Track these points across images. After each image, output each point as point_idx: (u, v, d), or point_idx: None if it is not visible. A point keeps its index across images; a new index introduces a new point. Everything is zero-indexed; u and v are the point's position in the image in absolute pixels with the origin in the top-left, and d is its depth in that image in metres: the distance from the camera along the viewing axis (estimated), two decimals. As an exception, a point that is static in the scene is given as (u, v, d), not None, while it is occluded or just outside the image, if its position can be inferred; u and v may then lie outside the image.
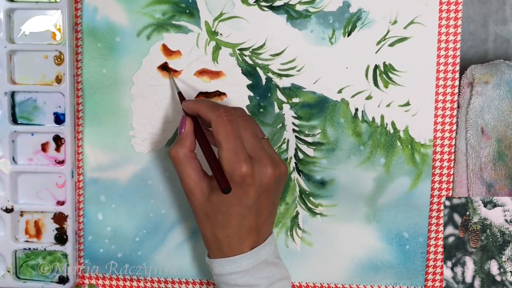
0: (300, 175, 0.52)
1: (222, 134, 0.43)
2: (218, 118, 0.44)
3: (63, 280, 0.53)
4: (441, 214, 0.52)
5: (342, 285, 0.53)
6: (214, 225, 0.45)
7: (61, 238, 0.53)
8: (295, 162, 0.52)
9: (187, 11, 0.51)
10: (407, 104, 0.51)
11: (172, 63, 0.52)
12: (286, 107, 0.52)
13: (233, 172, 0.43)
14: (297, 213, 0.53)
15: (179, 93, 0.50)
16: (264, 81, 0.52)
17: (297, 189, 0.53)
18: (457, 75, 0.51)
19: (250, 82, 0.52)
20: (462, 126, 0.51)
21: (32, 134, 0.53)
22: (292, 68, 0.51)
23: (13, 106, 0.53)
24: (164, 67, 0.52)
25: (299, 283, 0.53)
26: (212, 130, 0.44)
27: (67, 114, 0.52)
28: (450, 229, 0.52)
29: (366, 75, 0.51)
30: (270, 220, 0.47)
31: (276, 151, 0.52)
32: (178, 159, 0.45)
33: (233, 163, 0.43)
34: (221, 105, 0.45)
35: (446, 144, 0.51)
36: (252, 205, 0.44)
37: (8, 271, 0.53)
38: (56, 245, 0.53)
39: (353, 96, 0.51)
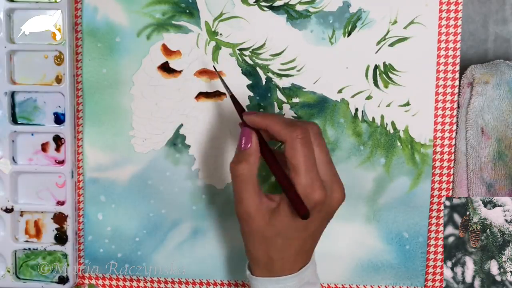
0: (300, 175, 0.52)
1: (300, 158, 0.40)
2: (295, 140, 0.40)
3: (63, 280, 0.53)
4: (441, 214, 0.52)
5: (342, 285, 0.53)
6: (270, 248, 0.43)
7: (61, 238, 0.53)
8: (295, 162, 0.52)
9: (187, 11, 0.51)
10: (407, 104, 0.51)
11: (172, 63, 0.52)
12: (286, 107, 0.52)
13: (307, 199, 0.40)
14: (297, 213, 0.53)
15: (234, 99, 0.46)
16: (264, 81, 0.52)
17: (297, 189, 0.52)
18: (457, 75, 0.51)
19: (250, 82, 0.52)
20: (462, 126, 0.51)
21: (32, 134, 0.53)
22: (292, 68, 0.51)
23: (13, 106, 0.53)
24: (215, 69, 0.49)
25: (299, 283, 0.53)
26: (286, 152, 0.41)
27: (67, 114, 0.52)
28: (450, 229, 0.52)
29: (366, 75, 0.51)
30: (316, 244, 0.46)
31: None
32: (243, 177, 0.42)
33: (308, 190, 0.40)
34: (295, 123, 0.42)
35: (446, 144, 0.51)
36: (315, 230, 0.43)
37: (8, 271, 0.53)
38: (56, 245, 0.53)
39: (353, 96, 0.51)
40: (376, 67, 0.51)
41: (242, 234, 0.44)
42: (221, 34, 0.51)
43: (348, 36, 0.51)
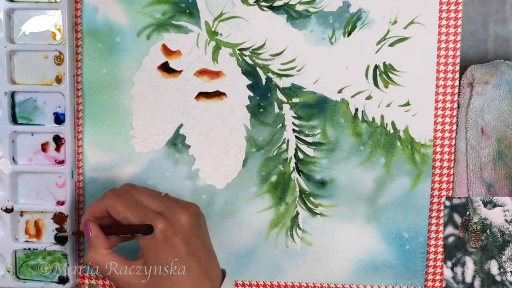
0: (300, 175, 0.52)
1: (121, 208, 0.44)
2: (109, 199, 0.45)
3: (63, 280, 0.53)
4: (441, 214, 0.52)
5: (342, 285, 0.53)
6: None
7: (61, 238, 0.53)
8: (295, 162, 0.52)
9: (187, 11, 0.51)
10: (407, 104, 0.51)
11: (172, 63, 0.52)
12: (286, 107, 0.52)
13: (152, 234, 0.43)
14: (297, 213, 0.53)
15: (78, 232, 0.51)
16: (264, 81, 0.52)
17: (297, 189, 0.53)
18: (457, 75, 0.51)
19: (250, 82, 0.52)
20: (462, 126, 0.51)
21: (32, 134, 0.53)
22: (292, 68, 0.51)
23: (13, 106, 0.53)
24: None
25: (299, 283, 0.53)
26: (111, 213, 0.45)
27: (67, 114, 0.52)
28: (450, 229, 0.52)
29: (366, 75, 0.51)
30: (213, 261, 0.46)
31: (276, 151, 0.52)
32: (98, 263, 0.45)
33: (147, 223, 0.43)
34: (104, 195, 0.46)
35: (446, 144, 0.51)
36: (188, 253, 0.43)
37: (8, 271, 0.53)
38: (56, 245, 0.53)
39: (353, 96, 0.51)
40: (376, 67, 0.51)
41: None
42: (221, 34, 0.51)
43: (348, 36, 0.51)
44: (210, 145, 0.52)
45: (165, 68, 0.52)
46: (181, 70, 0.52)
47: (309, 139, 0.52)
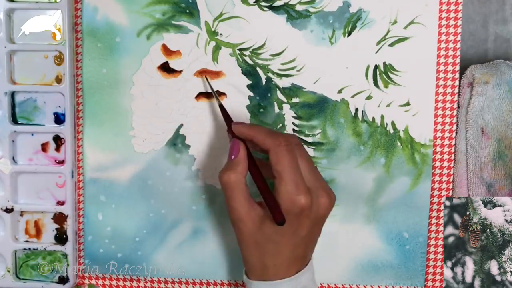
0: (300, 175, 0.52)
1: (283, 165, 0.42)
2: (278, 147, 0.43)
3: (63, 280, 0.53)
4: (441, 214, 0.52)
5: (342, 285, 0.53)
6: (263, 254, 0.44)
7: (61, 238, 0.53)
8: (295, 162, 0.52)
9: (187, 11, 0.51)
10: (407, 104, 0.51)
11: (172, 63, 0.52)
12: (286, 107, 0.52)
13: (293, 204, 0.42)
14: (297, 213, 0.53)
15: (223, 110, 0.48)
16: (264, 81, 0.52)
17: (297, 189, 0.52)
18: (457, 75, 0.51)
19: (250, 82, 0.52)
20: (462, 126, 0.51)
21: (32, 134, 0.53)
22: (292, 68, 0.51)
23: (13, 106, 0.53)
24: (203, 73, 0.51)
25: (299, 283, 0.53)
26: (271, 159, 0.43)
27: (67, 114, 0.52)
28: (450, 229, 0.52)
29: (366, 75, 0.51)
30: (313, 249, 0.47)
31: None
32: (230, 184, 0.43)
33: (293, 195, 0.42)
34: (278, 132, 0.44)
35: (446, 144, 0.51)
36: (305, 236, 0.44)
37: (8, 271, 0.53)
38: (56, 245, 0.53)
39: (353, 96, 0.51)
40: (376, 67, 0.51)
41: (237, 241, 0.46)
42: (221, 34, 0.51)
43: (348, 36, 0.51)
44: (210, 145, 0.52)
45: (165, 68, 0.52)
46: (181, 70, 0.52)
47: (309, 139, 0.52)
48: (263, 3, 0.51)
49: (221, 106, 0.49)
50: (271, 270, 0.44)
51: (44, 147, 0.53)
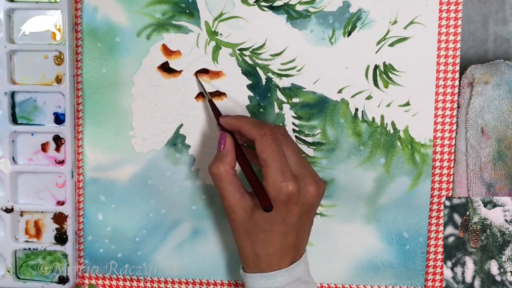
0: (300, 175, 0.52)
1: (268, 153, 0.43)
2: (263, 136, 0.44)
3: (63, 280, 0.53)
4: (441, 214, 0.52)
5: (342, 285, 0.53)
6: (255, 243, 0.45)
7: (61, 238, 0.53)
8: (295, 162, 0.52)
9: (187, 11, 0.51)
10: (407, 104, 0.51)
11: (172, 63, 0.52)
12: (286, 107, 0.52)
13: (279, 191, 0.42)
14: (297, 213, 0.53)
15: (212, 104, 0.50)
16: (264, 81, 0.52)
17: (297, 189, 0.52)
18: (457, 75, 0.51)
19: (250, 82, 0.52)
20: (462, 126, 0.51)
21: (32, 134, 0.53)
22: (292, 68, 0.51)
23: (13, 106, 0.53)
24: (199, 73, 0.51)
25: (299, 283, 0.53)
26: (256, 148, 0.44)
27: (67, 114, 0.52)
28: (450, 229, 0.52)
29: (366, 75, 0.51)
30: (307, 238, 0.48)
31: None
32: (219, 175, 0.45)
33: (279, 182, 0.42)
34: (263, 123, 0.45)
35: (446, 144, 0.51)
36: (295, 224, 0.44)
37: (8, 271, 0.53)
38: (56, 245, 0.53)
39: (353, 96, 0.51)
40: (376, 67, 0.51)
41: (231, 232, 0.47)
42: (221, 34, 0.51)
43: (348, 36, 0.51)
44: (210, 145, 0.52)
45: (165, 68, 0.52)
46: (181, 70, 0.52)
47: (309, 139, 0.52)
48: (263, 3, 0.51)
49: (210, 101, 0.50)
50: (264, 260, 0.45)
51: (44, 147, 0.53)
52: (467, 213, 0.52)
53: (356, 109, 0.51)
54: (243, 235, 0.45)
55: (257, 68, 0.51)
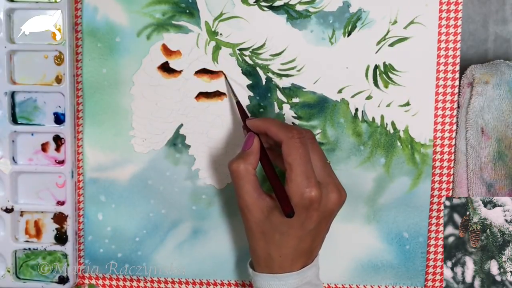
0: (300, 175, 0.52)
1: (294, 157, 0.43)
2: (291, 140, 0.43)
3: (63, 280, 0.53)
4: (441, 214, 0.52)
5: (342, 285, 0.53)
6: (269, 244, 0.45)
7: (61, 238, 0.53)
8: (295, 162, 0.52)
9: (187, 11, 0.51)
10: (407, 104, 0.51)
11: (172, 63, 0.52)
12: (286, 107, 0.52)
13: (302, 196, 0.42)
14: (297, 213, 0.53)
15: (240, 106, 0.49)
16: (264, 81, 0.52)
17: (297, 189, 0.52)
18: (457, 75, 0.51)
19: (250, 82, 0.52)
20: (462, 126, 0.51)
21: (32, 134, 0.53)
22: (292, 68, 0.51)
23: (13, 106, 0.53)
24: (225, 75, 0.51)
25: (299, 283, 0.53)
26: (283, 151, 0.43)
27: (67, 114, 0.52)
28: (450, 229, 0.52)
29: (366, 75, 0.51)
30: (321, 244, 0.47)
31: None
32: (238, 173, 0.44)
33: (303, 187, 0.42)
34: (292, 126, 0.45)
35: (446, 144, 0.51)
36: (312, 229, 0.44)
37: (8, 271, 0.53)
38: (56, 245, 0.53)
39: (353, 96, 0.51)
40: (376, 67, 0.51)
41: (245, 230, 0.46)
42: (221, 34, 0.51)
43: (348, 36, 0.51)
44: (210, 145, 0.52)
45: (165, 68, 0.52)
46: (181, 70, 0.52)
47: (309, 139, 0.52)
48: (263, 3, 0.51)
49: (238, 103, 0.50)
50: (277, 261, 0.45)
51: (44, 147, 0.53)
52: (467, 213, 0.52)
53: (356, 109, 0.51)
54: (258, 235, 0.45)
55: (257, 68, 0.51)
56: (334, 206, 0.44)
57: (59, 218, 0.53)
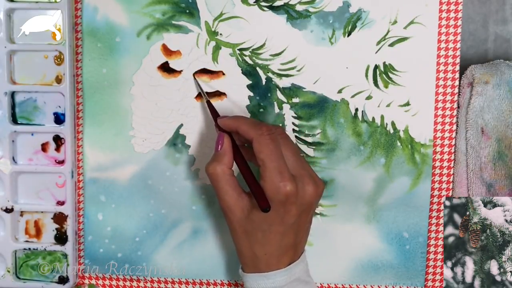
0: (300, 175, 0.52)
1: (266, 153, 0.43)
2: (261, 136, 0.43)
3: (63, 280, 0.53)
4: (441, 214, 0.52)
5: (342, 285, 0.53)
6: (253, 243, 0.45)
7: (61, 238, 0.53)
8: (295, 162, 0.52)
9: (187, 11, 0.51)
10: (407, 104, 0.51)
11: (172, 63, 0.52)
12: (286, 107, 0.52)
13: (277, 191, 0.42)
14: (297, 213, 0.53)
15: (210, 105, 0.50)
16: (264, 81, 0.52)
17: (297, 189, 0.52)
18: (457, 75, 0.51)
19: (250, 82, 0.52)
20: (462, 126, 0.51)
21: (32, 134, 0.53)
22: (292, 68, 0.51)
23: (13, 106, 0.53)
24: (195, 74, 0.52)
25: (299, 283, 0.53)
26: (254, 148, 0.44)
27: (67, 114, 0.52)
28: (450, 229, 0.52)
29: (366, 75, 0.51)
30: (305, 238, 0.47)
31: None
32: (216, 175, 0.45)
33: (277, 182, 0.42)
34: (261, 123, 0.45)
35: (446, 144, 0.51)
36: (293, 224, 0.44)
37: (8, 271, 0.53)
38: (56, 245, 0.53)
39: (353, 96, 0.51)
40: (376, 67, 0.51)
41: (229, 232, 0.47)
42: (221, 34, 0.51)
43: (348, 36, 0.51)
44: (210, 145, 0.52)
45: (165, 68, 0.52)
46: (181, 70, 0.52)
47: (309, 139, 0.52)
48: (263, 3, 0.51)
49: (208, 102, 0.50)
50: (262, 260, 0.45)
51: (44, 147, 0.53)
52: (467, 213, 0.52)
53: (356, 109, 0.51)
54: (241, 235, 0.45)
55: (257, 68, 0.51)
56: (311, 198, 0.44)
57: (59, 218, 0.53)
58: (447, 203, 0.52)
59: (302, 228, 0.46)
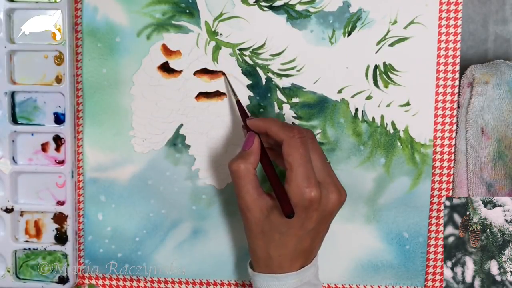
0: (300, 175, 0.52)
1: (295, 156, 0.42)
2: (292, 139, 0.43)
3: (63, 280, 0.53)
4: (441, 214, 0.52)
5: (342, 285, 0.53)
6: (269, 244, 0.45)
7: (61, 238, 0.53)
8: (295, 162, 0.52)
9: (187, 11, 0.51)
10: (407, 104, 0.51)
11: (172, 63, 0.52)
12: (286, 107, 0.52)
13: (302, 196, 0.42)
14: (297, 213, 0.53)
15: (240, 105, 0.49)
16: (264, 81, 0.52)
17: (297, 189, 0.52)
18: (457, 75, 0.51)
19: (250, 82, 0.52)
20: (462, 126, 0.51)
21: (32, 134, 0.53)
22: (292, 68, 0.51)
23: (13, 106, 0.53)
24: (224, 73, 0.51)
25: (299, 283, 0.53)
26: (283, 150, 0.43)
27: (67, 114, 0.52)
28: (450, 229, 0.52)
29: (366, 75, 0.51)
30: (320, 244, 0.47)
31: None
32: (239, 173, 0.44)
33: (303, 187, 0.42)
34: (292, 125, 0.45)
35: (446, 144, 0.51)
36: (312, 230, 0.44)
37: (8, 271, 0.53)
38: (56, 245, 0.53)
39: (353, 96, 0.51)
40: (376, 67, 0.51)
41: (244, 230, 0.46)
42: (221, 34, 0.51)
43: (348, 36, 0.51)
44: (210, 145, 0.53)
45: (165, 68, 0.52)
46: (181, 70, 0.52)
47: (309, 139, 0.52)
48: (263, 3, 0.51)
49: (238, 102, 0.49)
50: (276, 261, 0.45)
51: (44, 147, 0.53)
52: (467, 213, 0.52)
53: (356, 109, 0.51)
54: (258, 235, 0.45)
55: (257, 68, 0.51)
56: (334, 206, 0.44)
57: (59, 218, 0.53)
58: (447, 203, 0.52)
59: (319, 234, 0.46)
